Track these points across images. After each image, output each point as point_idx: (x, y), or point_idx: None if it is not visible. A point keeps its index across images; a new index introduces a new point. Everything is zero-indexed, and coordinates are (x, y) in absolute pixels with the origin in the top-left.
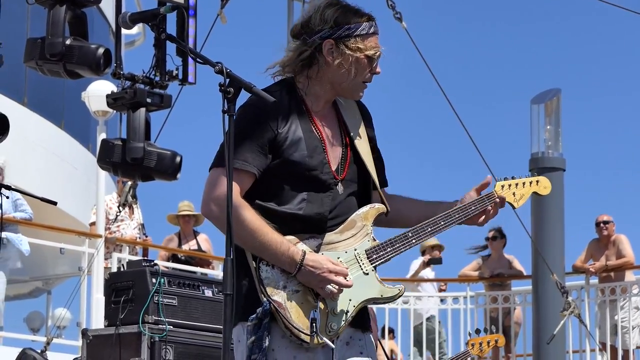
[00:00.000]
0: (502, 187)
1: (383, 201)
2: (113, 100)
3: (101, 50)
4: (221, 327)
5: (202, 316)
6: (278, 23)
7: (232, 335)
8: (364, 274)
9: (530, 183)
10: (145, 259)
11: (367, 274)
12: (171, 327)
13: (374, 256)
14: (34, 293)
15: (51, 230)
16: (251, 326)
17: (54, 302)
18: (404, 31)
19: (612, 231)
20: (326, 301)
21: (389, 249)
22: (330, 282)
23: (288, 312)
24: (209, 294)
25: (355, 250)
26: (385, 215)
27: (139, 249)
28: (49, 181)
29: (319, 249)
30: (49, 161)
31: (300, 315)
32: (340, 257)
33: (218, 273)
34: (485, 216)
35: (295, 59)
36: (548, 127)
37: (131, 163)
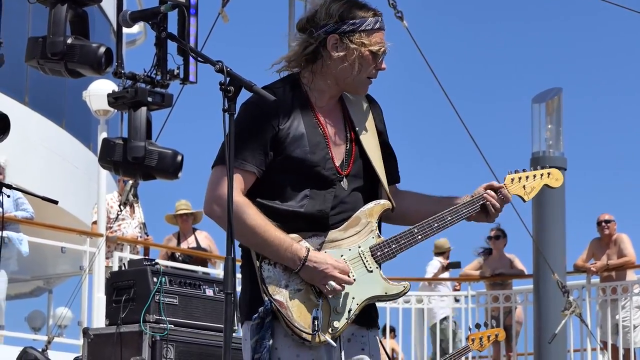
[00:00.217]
0: (512, 180)
1: (389, 197)
2: (114, 100)
3: (102, 49)
4: (222, 326)
5: (203, 315)
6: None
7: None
8: (368, 271)
9: (541, 175)
10: (147, 258)
11: (371, 271)
12: (172, 326)
13: (379, 253)
14: (35, 292)
15: (52, 229)
16: (254, 325)
17: (55, 301)
18: (405, 30)
19: (614, 230)
20: (329, 300)
21: (394, 246)
22: (333, 279)
23: (290, 311)
24: (210, 293)
25: (360, 247)
26: (392, 211)
27: (140, 248)
28: (50, 180)
29: (322, 246)
30: (50, 160)
31: (302, 314)
32: (343, 254)
33: (219, 272)
34: (491, 213)
35: (300, 54)
36: (549, 126)
37: (132, 162)
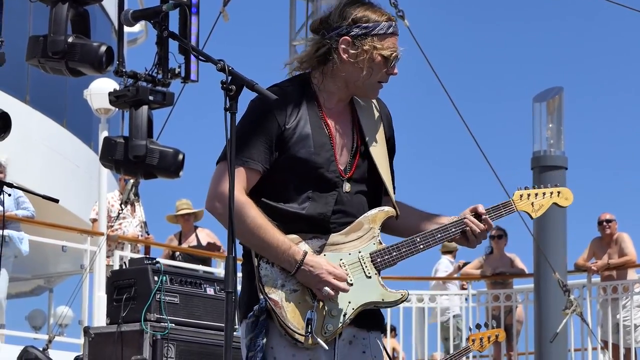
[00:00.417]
0: (521, 196)
1: (394, 206)
2: (115, 98)
3: (103, 48)
4: (223, 325)
5: (204, 314)
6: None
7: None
8: (367, 277)
9: (551, 194)
10: (147, 256)
11: (370, 277)
12: (173, 325)
13: (379, 260)
14: (35, 291)
15: (53, 228)
16: (249, 323)
17: (55, 300)
18: (406, 29)
19: (615, 230)
20: (325, 302)
21: (394, 254)
22: (328, 284)
23: (284, 311)
24: (210, 291)
25: (360, 252)
26: (396, 219)
27: (141, 246)
28: (51, 179)
29: (323, 249)
30: (51, 159)
31: (297, 315)
32: (343, 258)
33: (220, 270)
34: (471, 239)
35: (312, 55)
36: (550, 126)
37: (133, 161)
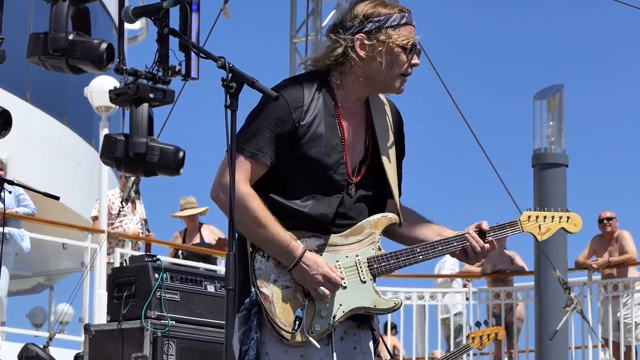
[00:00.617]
0: (529, 217)
1: (398, 212)
2: (116, 96)
3: (104, 46)
4: (223, 322)
5: (204, 311)
6: (281, 18)
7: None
8: (362, 281)
9: (560, 218)
10: (148, 254)
11: (365, 282)
12: (173, 322)
13: (375, 266)
14: (36, 289)
15: (54, 225)
16: (241, 317)
17: (56, 297)
18: None
19: (615, 227)
20: (315, 302)
21: (392, 261)
22: (322, 285)
23: (273, 306)
24: (211, 289)
25: (357, 256)
26: (399, 226)
27: (141, 244)
28: (52, 176)
29: (320, 249)
30: (51, 156)
31: (286, 311)
32: (339, 260)
33: (221, 268)
34: (470, 256)
35: (327, 56)
36: (551, 123)
37: (134, 158)
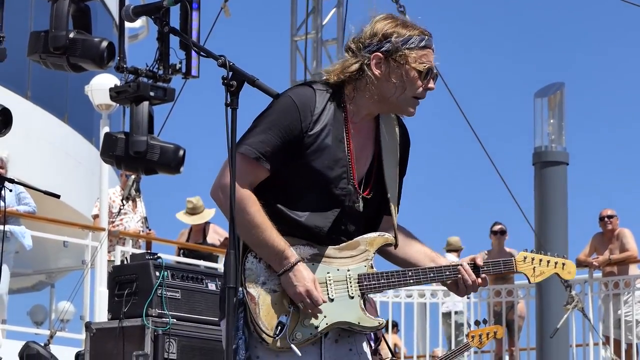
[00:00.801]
0: (525, 258)
1: (395, 232)
2: (116, 94)
3: (104, 44)
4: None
5: (205, 309)
6: (282, 16)
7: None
8: (349, 297)
9: (555, 264)
10: (149, 252)
11: (352, 297)
12: (174, 320)
13: (365, 283)
14: (37, 286)
15: (54, 223)
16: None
17: (57, 295)
18: None
19: (616, 225)
20: (300, 311)
21: (382, 281)
22: (301, 300)
23: (258, 308)
24: (212, 287)
25: (349, 271)
26: (395, 248)
27: (142, 242)
28: (53, 174)
29: (314, 258)
30: (52, 154)
31: (269, 315)
32: (330, 272)
33: (221, 266)
34: (460, 288)
35: (342, 71)
36: (551, 121)
37: (134, 156)
